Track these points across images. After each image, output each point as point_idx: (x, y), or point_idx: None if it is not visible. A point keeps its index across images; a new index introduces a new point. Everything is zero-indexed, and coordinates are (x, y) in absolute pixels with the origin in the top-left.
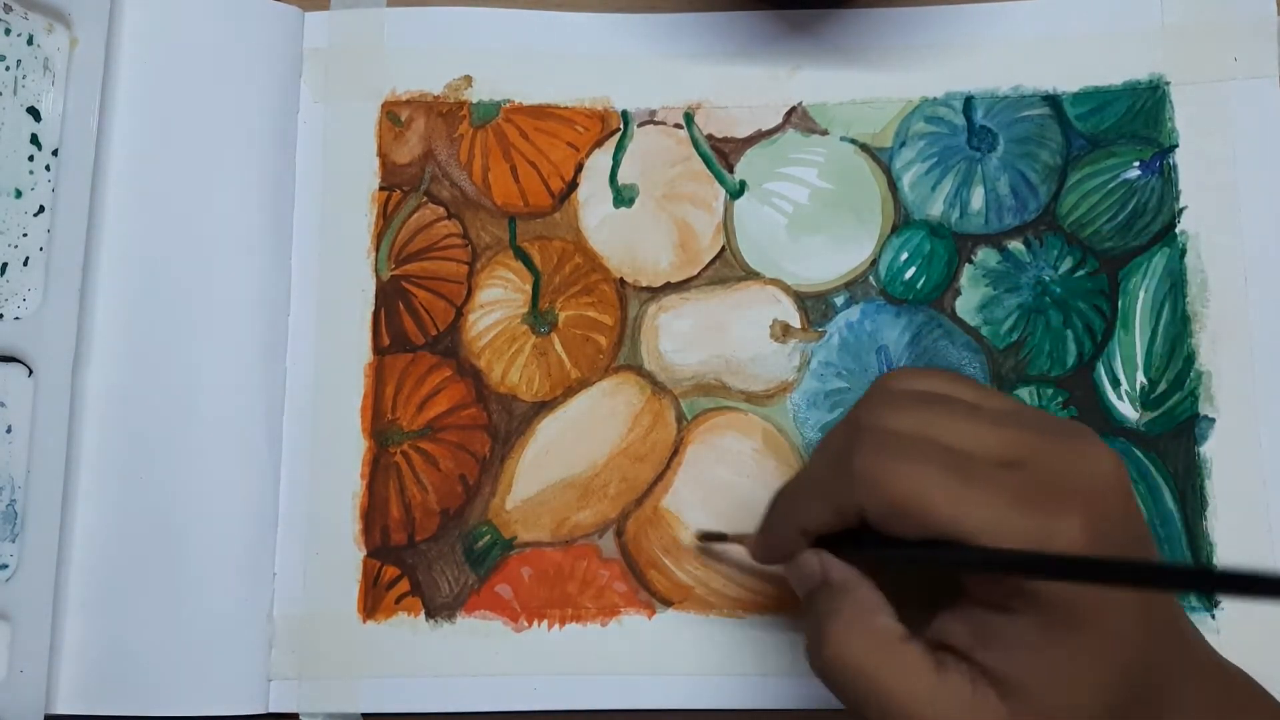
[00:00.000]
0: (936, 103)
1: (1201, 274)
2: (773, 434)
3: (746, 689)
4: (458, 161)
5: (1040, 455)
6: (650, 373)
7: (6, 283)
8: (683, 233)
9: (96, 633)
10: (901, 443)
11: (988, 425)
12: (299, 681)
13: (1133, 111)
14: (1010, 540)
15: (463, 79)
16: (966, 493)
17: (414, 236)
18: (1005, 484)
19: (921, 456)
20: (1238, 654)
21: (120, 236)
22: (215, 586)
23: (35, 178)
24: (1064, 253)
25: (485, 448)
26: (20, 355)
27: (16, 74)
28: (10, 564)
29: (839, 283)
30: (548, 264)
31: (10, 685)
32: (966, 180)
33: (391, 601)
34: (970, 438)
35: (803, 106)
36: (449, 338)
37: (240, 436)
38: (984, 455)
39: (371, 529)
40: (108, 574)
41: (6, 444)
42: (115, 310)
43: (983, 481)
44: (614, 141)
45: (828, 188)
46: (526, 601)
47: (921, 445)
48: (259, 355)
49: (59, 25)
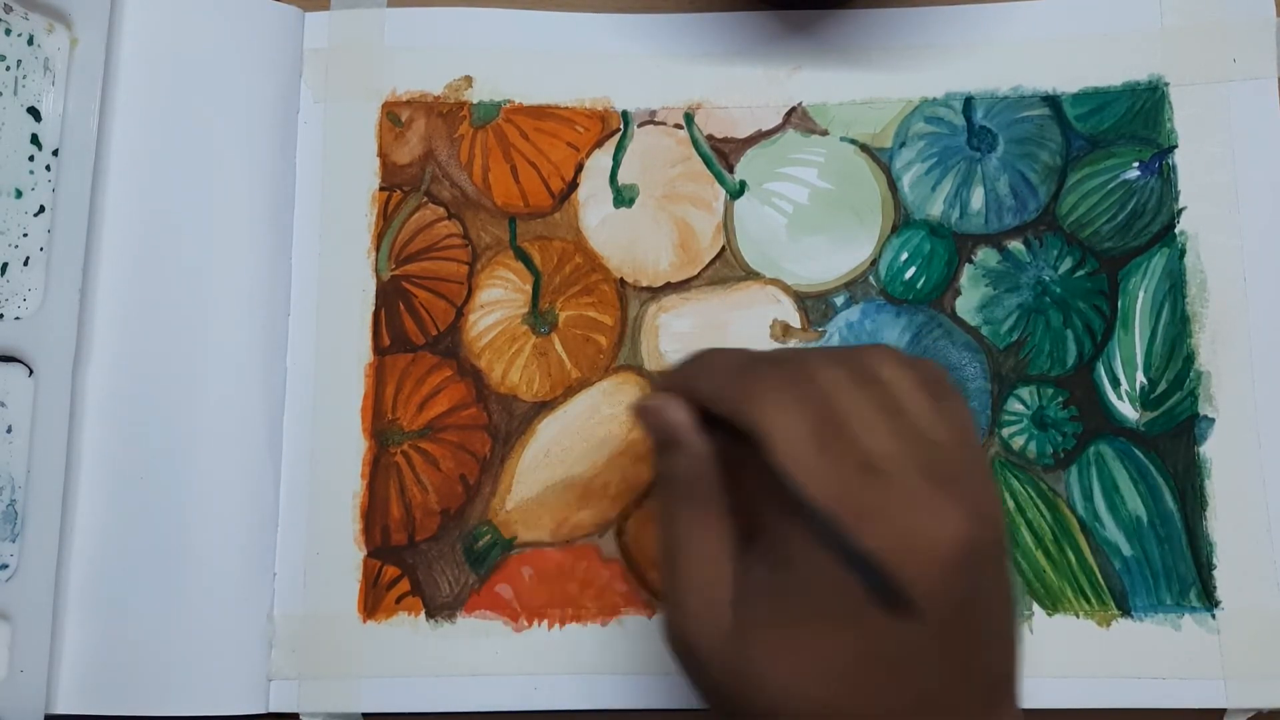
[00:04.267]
0: (936, 103)
1: (1201, 274)
2: None
3: None
4: (458, 161)
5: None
6: (650, 373)
7: (7, 283)
8: (683, 233)
9: (96, 633)
10: (800, 385)
11: (887, 429)
12: (299, 681)
13: (1132, 112)
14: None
15: (463, 79)
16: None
17: (414, 236)
18: (847, 476)
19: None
20: (1238, 654)
21: (120, 236)
22: (215, 586)
23: (35, 178)
24: (1064, 253)
25: (485, 448)
26: (21, 355)
27: (17, 74)
28: (10, 564)
29: (839, 283)
30: (548, 264)
31: (10, 685)
32: (966, 180)
33: (392, 601)
34: (864, 425)
35: (803, 107)
36: (449, 338)
37: (240, 436)
38: (861, 446)
39: (372, 529)
40: (108, 574)
41: (7, 444)
42: (115, 310)
43: (831, 461)
44: (614, 141)
45: (828, 188)
46: (527, 601)
47: (820, 399)
48: (259, 355)
49: (59, 25)
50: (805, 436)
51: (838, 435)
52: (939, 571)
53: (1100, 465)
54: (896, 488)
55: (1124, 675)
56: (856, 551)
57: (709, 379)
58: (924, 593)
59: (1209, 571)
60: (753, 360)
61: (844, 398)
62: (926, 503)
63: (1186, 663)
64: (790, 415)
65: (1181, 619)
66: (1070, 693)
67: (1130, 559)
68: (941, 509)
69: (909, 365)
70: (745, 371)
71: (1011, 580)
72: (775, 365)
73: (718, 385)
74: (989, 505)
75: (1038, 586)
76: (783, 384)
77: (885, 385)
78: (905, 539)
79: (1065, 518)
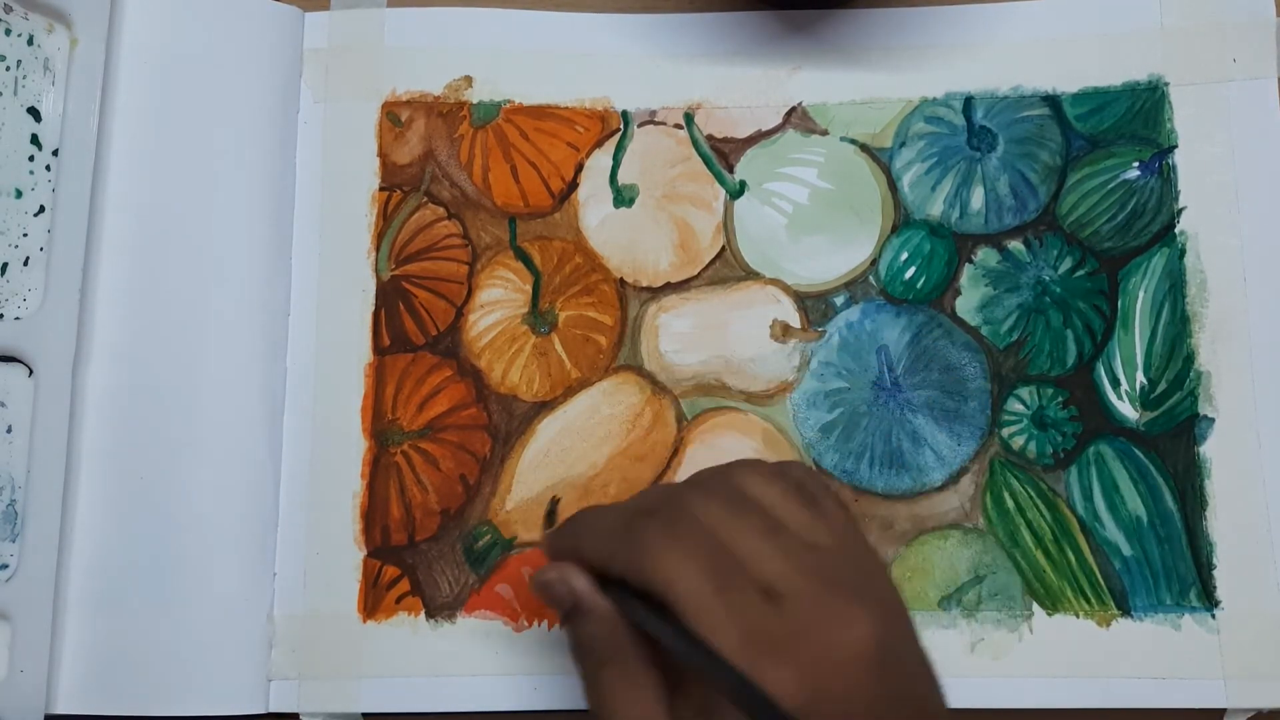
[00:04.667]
0: (936, 103)
1: (1201, 274)
2: (773, 434)
3: None
4: (458, 161)
5: (801, 601)
6: (650, 373)
7: (7, 283)
8: (683, 233)
9: (96, 633)
10: (688, 531)
11: (774, 550)
12: (299, 681)
13: (1132, 112)
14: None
15: (463, 79)
16: (713, 600)
17: (414, 236)
18: (749, 610)
19: (695, 549)
20: (1238, 654)
21: (120, 236)
22: (215, 587)
23: (35, 178)
24: (1064, 253)
25: (485, 448)
26: (21, 355)
27: (17, 74)
28: (10, 564)
29: (839, 283)
30: (548, 264)
31: (10, 685)
32: (966, 180)
33: (392, 601)
34: (752, 553)
35: (803, 106)
36: (449, 338)
37: (240, 436)
38: (755, 573)
39: (372, 529)
40: (108, 574)
41: (7, 444)
42: (115, 310)
43: (733, 599)
44: (614, 141)
45: (828, 188)
46: (527, 601)
47: (702, 544)
48: (259, 355)
49: (59, 26)
50: (702, 583)
51: (731, 572)
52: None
53: (1100, 465)
54: (803, 605)
55: (1124, 675)
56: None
57: (595, 544)
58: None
59: (1209, 571)
60: (631, 516)
61: (726, 532)
62: (836, 613)
63: (1186, 663)
64: (684, 567)
65: (1181, 619)
66: (1070, 693)
67: (1130, 559)
68: (849, 614)
69: (776, 476)
70: (629, 531)
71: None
72: (653, 516)
73: (608, 549)
74: (889, 595)
75: (1038, 586)
76: (667, 536)
77: (761, 506)
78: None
79: (1065, 518)
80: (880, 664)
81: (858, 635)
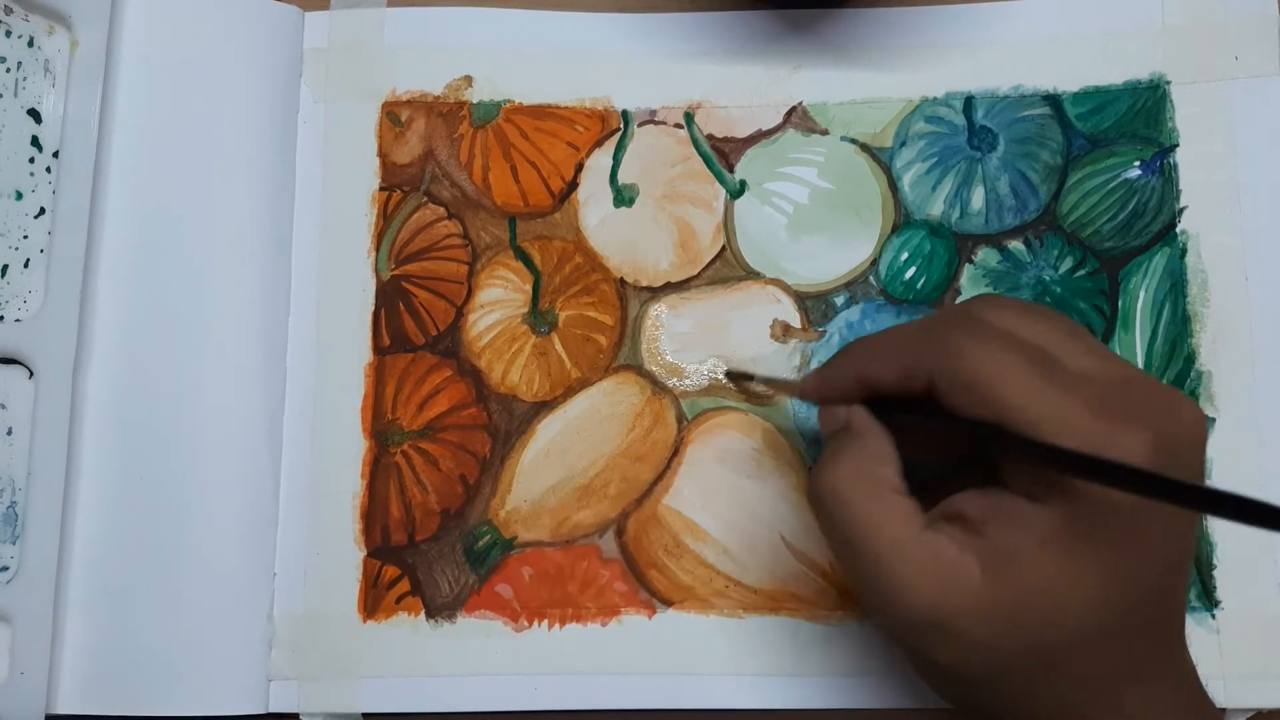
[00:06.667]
0: (937, 103)
1: (1202, 274)
2: (773, 434)
3: (746, 689)
4: (458, 161)
5: (1127, 382)
6: (650, 373)
7: (7, 285)
8: (683, 232)
9: (96, 633)
10: (995, 330)
11: (1084, 346)
12: (299, 681)
13: (1133, 111)
14: (1071, 439)
15: (463, 79)
16: (1043, 385)
17: (414, 236)
18: (1084, 391)
19: (1010, 345)
20: (1238, 654)
21: (120, 238)
22: (215, 587)
23: (36, 180)
24: (1064, 252)
25: (485, 448)
26: (21, 357)
27: (17, 76)
28: (11, 566)
29: (839, 282)
30: (548, 264)
31: (11, 687)
32: (967, 180)
33: (392, 601)
34: (1062, 349)
35: (803, 106)
36: (449, 338)
37: (240, 436)
38: (1072, 366)
39: (372, 529)
40: (108, 574)
41: (7, 446)
42: (116, 312)
43: (1063, 382)
44: (614, 141)
45: (828, 187)
46: (527, 601)
47: (1013, 339)
48: (259, 355)
49: (60, 27)
50: (1028, 369)
51: (1051, 364)
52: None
53: None
54: (1133, 389)
55: None
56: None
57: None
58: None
59: (1209, 571)
60: (927, 326)
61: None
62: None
63: None
64: (1005, 359)
65: None
66: None
67: None
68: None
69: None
70: (932, 336)
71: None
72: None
73: (910, 358)
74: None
75: None
76: (978, 337)
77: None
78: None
79: None
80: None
81: (1196, 417)
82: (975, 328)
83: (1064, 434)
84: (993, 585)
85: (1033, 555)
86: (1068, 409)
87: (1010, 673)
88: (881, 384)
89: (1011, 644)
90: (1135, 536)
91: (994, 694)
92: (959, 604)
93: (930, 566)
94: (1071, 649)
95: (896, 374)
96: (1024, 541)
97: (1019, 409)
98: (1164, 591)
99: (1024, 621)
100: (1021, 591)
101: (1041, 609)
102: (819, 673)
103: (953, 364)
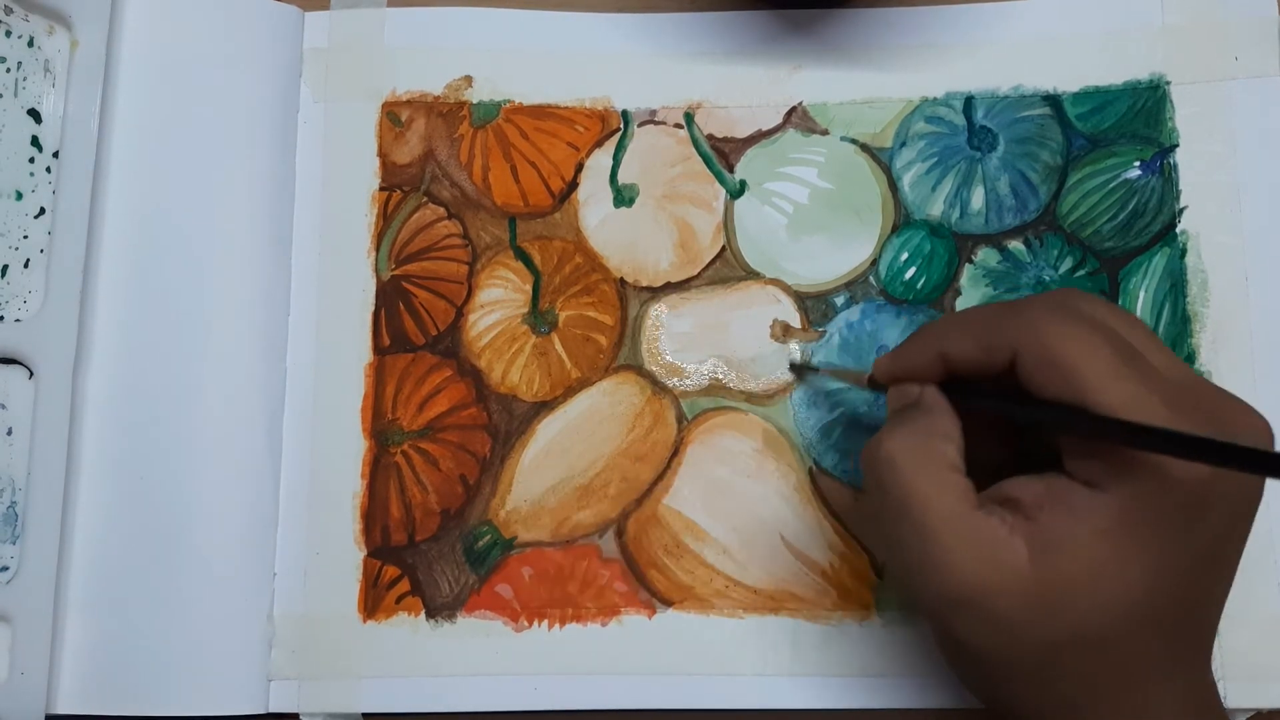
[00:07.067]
0: (937, 103)
1: (1202, 274)
2: (773, 434)
3: (746, 689)
4: (458, 161)
5: (1199, 385)
6: (650, 373)
7: (7, 285)
8: (683, 232)
9: (96, 633)
10: (1084, 316)
11: (1161, 348)
12: (299, 681)
13: (1133, 111)
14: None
15: (463, 79)
16: (1127, 373)
17: (414, 236)
18: (1161, 385)
19: (1094, 329)
20: (1238, 654)
21: (120, 238)
22: (215, 587)
23: (36, 180)
24: (1064, 253)
25: (485, 448)
26: (21, 357)
27: (17, 76)
28: (11, 566)
29: (839, 283)
30: (548, 264)
31: (11, 687)
32: (967, 180)
33: (392, 601)
34: (1144, 346)
35: (803, 106)
36: (449, 338)
37: (240, 436)
38: (1153, 362)
39: (372, 529)
40: (108, 574)
41: (7, 446)
42: (116, 312)
43: (1143, 372)
44: (614, 141)
45: (828, 188)
46: (527, 601)
47: (1102, 326)
48: (259, 355)
49: (60, 27)
50: (1112, 355)
51: (1132, 353)
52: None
53: None
54: (1204, 391)
55: None
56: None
57: (974, 332)
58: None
59: None
60: (1012, 305)
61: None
62: (1236, 402)
63: None
64: (1091, 341)
65: None
66: None
67: None
68: (1248, 407)
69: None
70: (1018, 315)
71: None
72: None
73: (994, 334)
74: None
75: None
76: (1065, 320)
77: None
78: (1242, 430)
79: None
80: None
81: (1263, 425)
82: (1065, 312)
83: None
84: (1039, 569)
85: (1084, 543)
86: (1145, 399)
87: (1038, 660)
88: (961, 359)
89: (1047, 631)
90: (1189, 532)
91: (1015, 680)
92: (1000, 584)
93: (977, 544)
94: (1106, 640)
95: (978, 349)
96: (1078, 529)
97: (1099, 390)
98: (1207, 591)
99: (1064, 609)
100: (1067, 578)
101: (1085, 597)
102: (818, 673)
103: (1040, 340)
